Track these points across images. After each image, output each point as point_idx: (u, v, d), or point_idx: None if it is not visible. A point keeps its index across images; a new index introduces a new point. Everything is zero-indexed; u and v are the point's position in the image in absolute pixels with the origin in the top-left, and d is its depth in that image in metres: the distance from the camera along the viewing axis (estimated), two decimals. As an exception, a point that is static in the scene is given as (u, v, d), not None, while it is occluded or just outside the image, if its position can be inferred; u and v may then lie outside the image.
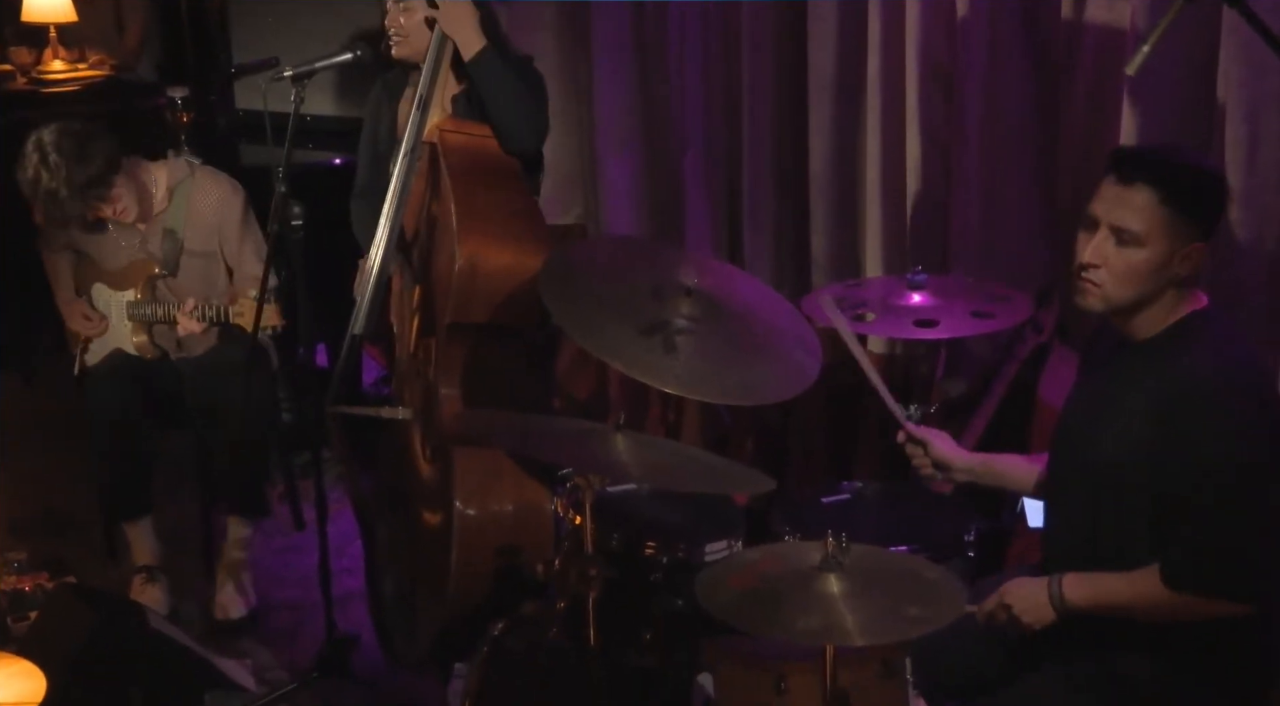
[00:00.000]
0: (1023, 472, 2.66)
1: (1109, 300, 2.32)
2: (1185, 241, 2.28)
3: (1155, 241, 2.27)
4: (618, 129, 4.28)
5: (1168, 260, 2.28)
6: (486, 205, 3.14)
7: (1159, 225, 2.26)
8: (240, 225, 3.85)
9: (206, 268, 3.85)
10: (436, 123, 3.26)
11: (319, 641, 3.40)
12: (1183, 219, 2.27)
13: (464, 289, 3.07)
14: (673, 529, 2.94)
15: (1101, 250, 2.30)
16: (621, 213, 4.33)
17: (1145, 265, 2.28)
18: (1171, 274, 2.29)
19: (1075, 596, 2.34)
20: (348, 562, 3.84)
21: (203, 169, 3.90)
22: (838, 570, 2.17)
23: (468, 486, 3.05)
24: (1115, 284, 2.30)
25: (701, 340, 2.65)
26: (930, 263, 3.53)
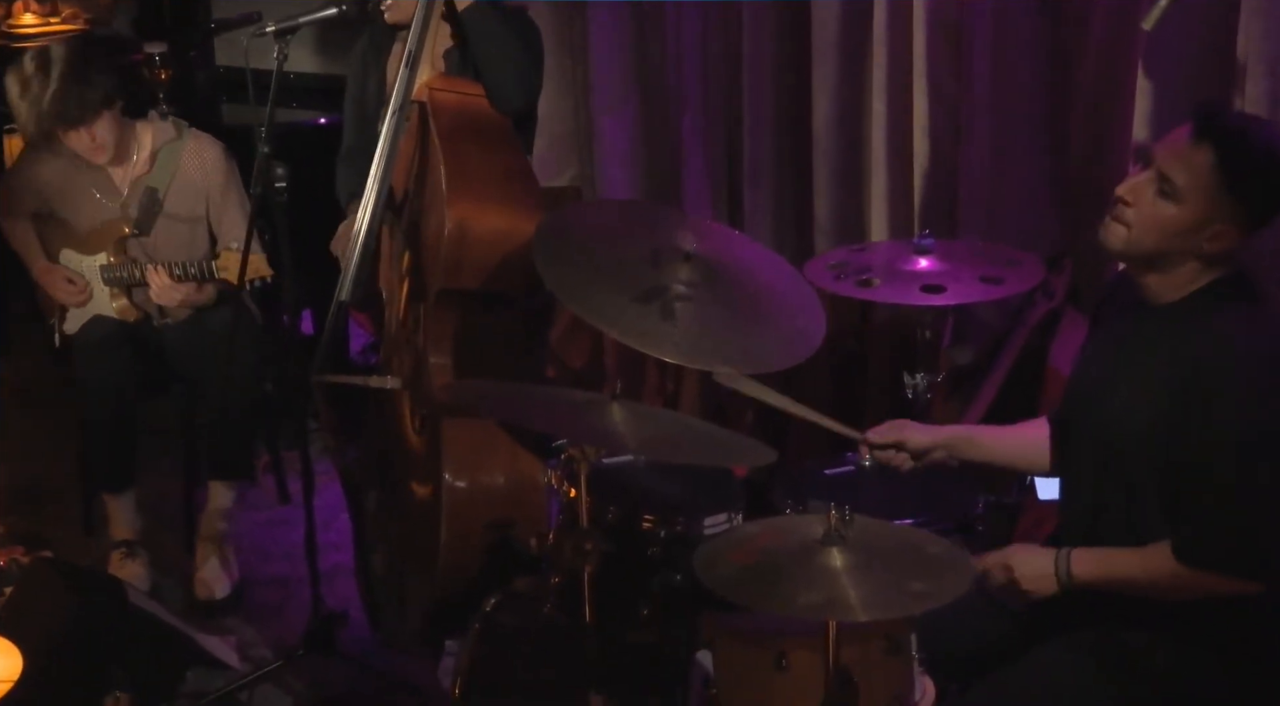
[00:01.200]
0: (1010, 444, 2.66)
1: (1127, 243, 2.32)
2: (1223, 219, 2.26)
3: (1192, 204, 2.26)
4: (613, 87, 4.27)
5: (1198, 229, 2.27)
6: (477, 166, 3.14)
7: (1203, 190, 2.25)
8: (228, 190, 3.85)
9: (189, 232, 3.85)
10: (426, 81, 3.25)
11: (305, 618, 3.42)
12: (1230, 196, 2.25)
13: (454, 254, 3.06)
14: (671, 502, 2.95)
15: (1139, 189, 2.30)
16: (617, 175, 4.32)
17: (1172, 223, 2.27)
18: (1196, 245, 2.28)
19: (1082, 571, 2.35)
20: (334, 537, 3.86)
21: (192, 131, 3.90)
22: (840, 544, 2.18)
23: (458, 458, 3.06)
24: (1139, 229, 2.30)
25: (700, 307, 2.65)
26: (938, 226, 3.54)
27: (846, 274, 3.28)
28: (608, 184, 4.34)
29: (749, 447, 2.66)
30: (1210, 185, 2.25)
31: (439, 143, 3.12)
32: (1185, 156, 2.26)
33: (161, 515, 4.05)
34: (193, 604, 3.76)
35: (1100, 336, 2.53)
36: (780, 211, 4.11)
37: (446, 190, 3.06)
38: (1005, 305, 3.52)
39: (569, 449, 2.56)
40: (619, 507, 2.86)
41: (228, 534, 3.88)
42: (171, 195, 3.83)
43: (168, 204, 3.83)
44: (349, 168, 3.55)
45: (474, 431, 3.06)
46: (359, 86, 3.59)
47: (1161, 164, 2.29)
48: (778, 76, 3.99)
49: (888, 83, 3.70)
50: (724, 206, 4.26)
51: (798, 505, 3.01)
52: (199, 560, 3.83)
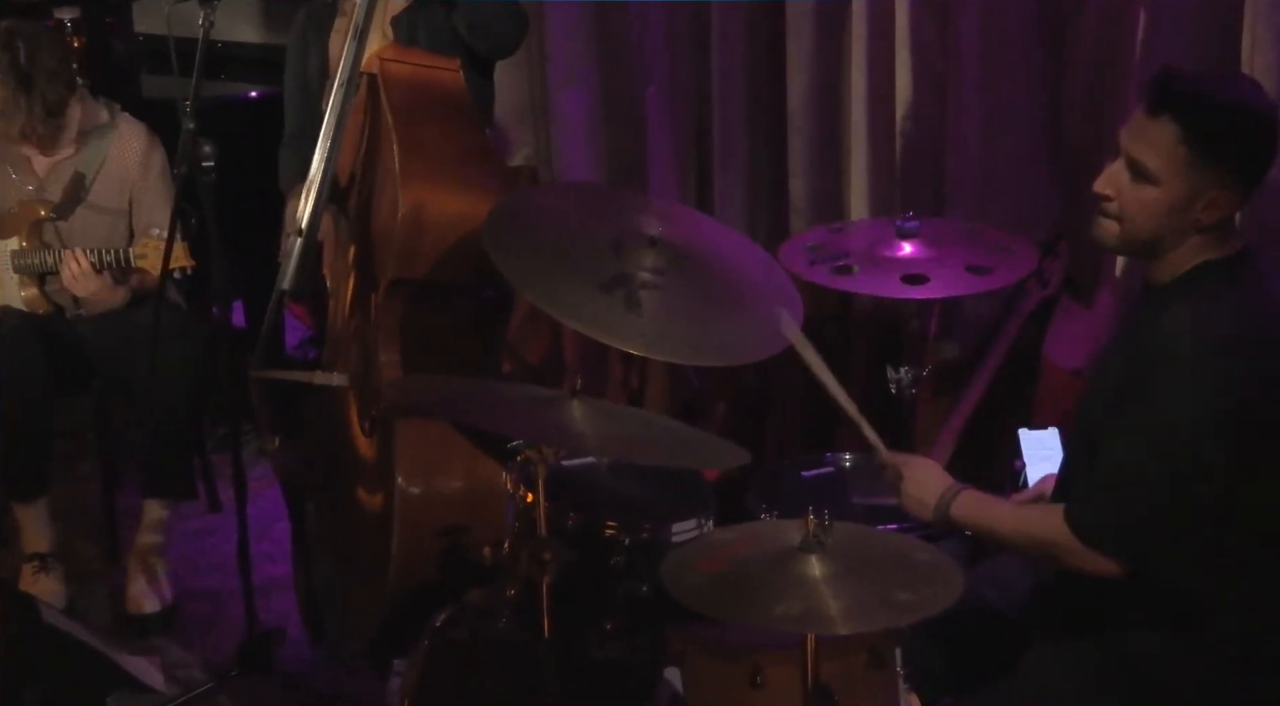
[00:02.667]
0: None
1: (1121, 237, 2.36)
2: (1209, 187, 2.29)
3: (1171, 182, 2.29)
4: (572, 59, 4.27)
5: (1186, 204, 2.30)
6: (434, 145, 3.13)
7: (1177, 165, 2.28)
8: (154, 181, 3.84)
9: (109, 225, 3.83)
10: (376, 50, 3.23)
11: (239, 635, 3.41)
12: (1205, 162, 2.28)
13: (408, 240, 3.06)
14: (636, 507, 2.95)
15: (1115, 181, 2.34)
16: (576, 154, 4.32)
17: (1158, 205, 2.31)
18: (1191, 219, 2.31)
19: (961, 512, 2.45)
20: (270, 546, 3.85)
21: (124, 117, 3.88)
22: (820, 551, 2.20)
23: (412, 461, 3.06)
24: (1128, 219, 2.34)
25: (667, 295, 2.66)
26: (923, 206, 3.56)
27: (823, 258, 3.29)
28: (566, 164, 4.34)
29: (721, 448, 2.67)
30: (1181, 157, 2.28)
31: (391, 119, 3.11)
32: (1147, 134, 2.30)
33: (80, 524, 4.03)
34: (120, 621, 3.74)
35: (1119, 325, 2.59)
36: (753, 193, 4.12)
37: (400, 171, 3.05)
38: (996, 293, 3.55)
39: (525, 450, 2.57)
40: (580, 513, 2.86)
41: (161, 547, 3.85)
42: (98, 184, 3.81)
43: (92, 192, 3.81)
44: (294, 155, 3.53)
45: (429, 432, 3.06)
46: (299, 67, 3.57)
47: (1128, 148, 2.33)
48: (750, 47, 4.00)
49: (868, 54, 3.71)
50: (692, 187, 4.26)
51: (773, 509, 3.02)
52: (129, 576, 3.81)
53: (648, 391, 4.30)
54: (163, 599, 3.77)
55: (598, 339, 2.61)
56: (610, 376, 4.35)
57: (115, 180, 3.82)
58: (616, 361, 4.32)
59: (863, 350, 3.92)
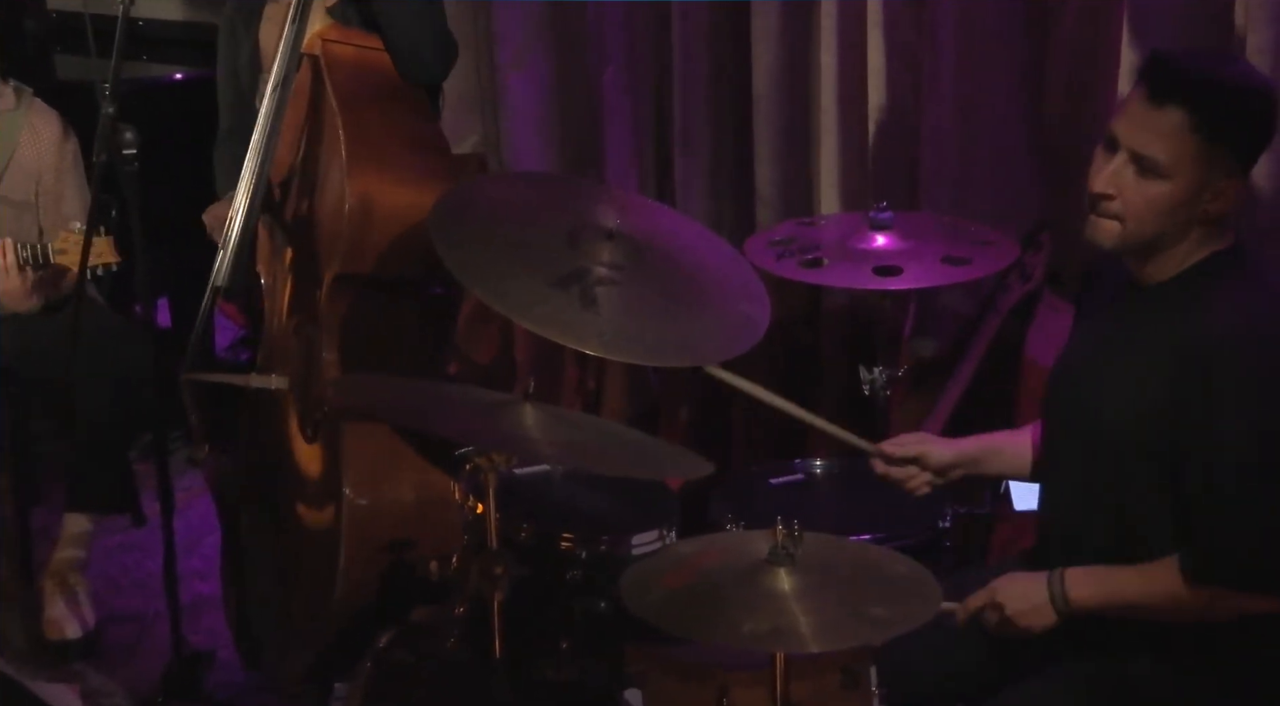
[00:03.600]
0: (1020, 449, 2.69)
1: (1124, 238, 2.34)
2: (1219, 176, 2.30)
3: (1182, 174, 2.29)
4: (522, 38, 4.26)
5: (1195, 196, 2.30)
6: (382, 132, 3.13)
7: (1188, 156, 2.28)
8: (67, 173, 3.81)
9: (15, 219, 3.79)
10: (318, 30, 3.21)
11: (165, 659, 3.39)
12: (1219, 150, 2.28)
13: (355, 234, 3.05)
14: (593, 518, 2.96)
15: (1118, 178, 2.32)
16: (527, 141, 4.32)
17: (1167, 201, 2.30)
18: (1198, 212, 2.32)
19: (1081, 594, 2.38)
20: (199, 563, 3.83)
21: (35, 102, 3.85)
22: (789, 564, 2.20)
23: (360, 470, 3.05)
24: (1133, 219, 2.32)
25: (626, 292, 2.66)
26: (897, 198, 3.56)
27: (791, 252, 3.30)
28: (516, 151, 4.33)
29: (683, 455, 2.68)
30: (1194, 146, 2.28)
31: (337, 103, 3.10)
32: (1153, 125, 2.29)
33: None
34: (37, 646, 3.71)
35: (1085, 325, 2.57)
36: (716, 182, 4.12)
37: (347, 160, 3.05)
38: (975, 289, 3.56)
39: (475, 458, 2.57)
40: (533, 525, 2.86)
41: (83, 563, 3.82)
42: (6, 174, 3.78)
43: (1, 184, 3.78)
44: (229, 154, 3.51)
45: (377, 439, 3.05)
46: (230, 60, 3.55)
47: (1130, 141, 2.31)
48: (713, 26, 4.01)
49: (838, 33, 3.72)
50: (651, 176, 4.27)
51: (740, 519, 3.03)
52: (47, 598, 3.77)
53: (605, 395, 4.31)
54: (84, 623, 3.75)
55: (551, 338, 2.61)
56: (565, 379, 4.35)
57: (24, 170, 3.78)
58: (572, 363, 4.31)
59: (834, 350, 3.93)
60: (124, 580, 3.97)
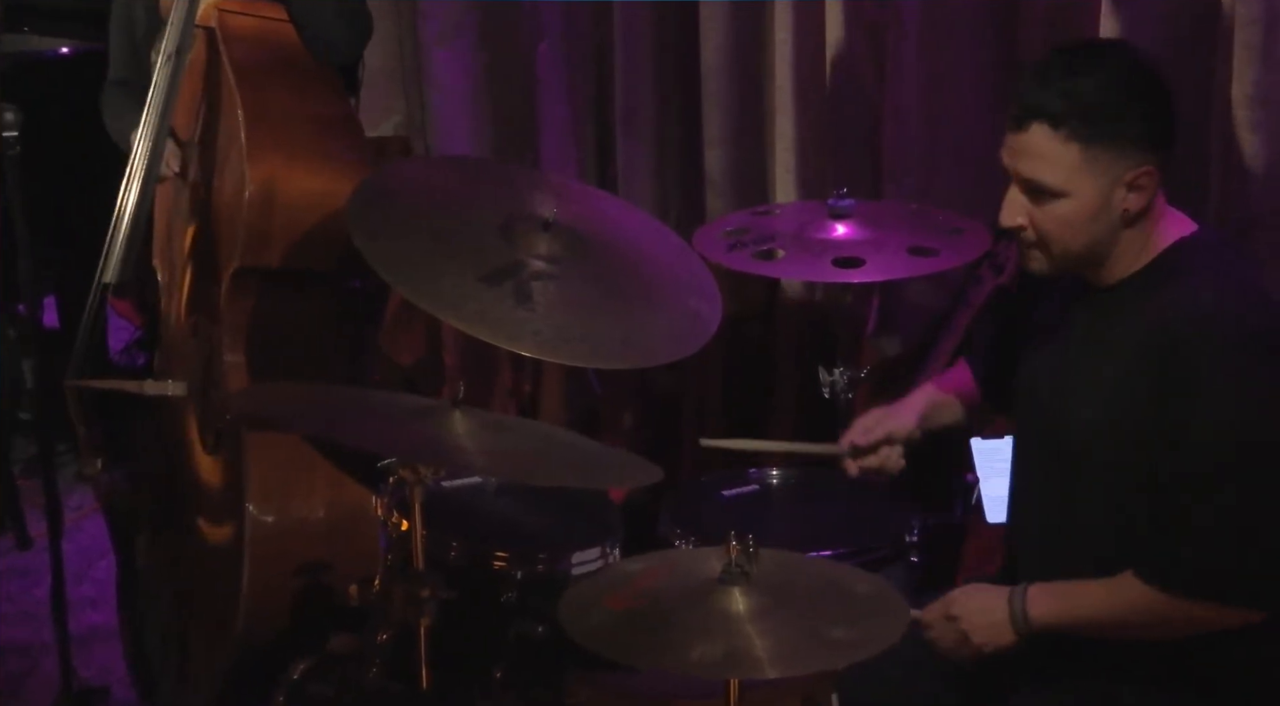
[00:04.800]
0: (954, 397, 2.76)
1: (1054, 261, 2.39)
2: (1122, 170, 2.32)
3: (1079, 186, 2.32)
4: (449, 9, 4.26)
5: (1106, 200, 2.33)
6: (285, 112, 3.12)
7: (1073, 167, 2.31)
8: None
9: None
10: (214, 0, 3.21)
11: (53, 693, 3.37)
12: (1104, 150, 2.31)
13: (257, 223, 3.04)
14: (529, 534, 2.96)
15: (1019, 209, 2.37)
16: (455, 122, 4.31)
17: (1077, 216, 2.34)
18: (1118, 213, 2.34)
19: (1042, 611, 2.40)
20: (91, 590, 3.80)
21: None
22: (743, 583, 2.21)
23: (265, 484, 3.04)
24: (1054, 243, 2.37)
25: (564, 287, 2.67)
26: (858, 183, 3.58)
27: (744, 242, 3.31)
28: (443, 134, 4.33)
29: (628, 464, 2.68)
30: (1074, 156, 2.30)
31: (235, 81, 3.10)
32: (1025, 150, 2.32)
33: None
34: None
35: (1040, 328, 2.59)
36: (662, 167, 4.13)
37: (247, 143, 3.04)
38: (944, 282, 3.59)
39: (399, 469, 2.56)
40: (463, 543, 2.86)
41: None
42: None
43: None
44: (121, 99, 3.48)
45: (285, 449, 3.04)
46: (125, 9, 3.53)
47: (1015, 170, 2.36)
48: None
49: (794, 4, 3.73)
50: (591, 161, 4.27)
51: (690, 535, 3.04)
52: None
53: (542, 399, 4.31)
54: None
55: (482, 338, 2.61)
56: (498, 382, 4.35)
57: None
58: (505, 365, 4.31)
59: (791, 349, 3.95)
60: (9, 609, 3.94)
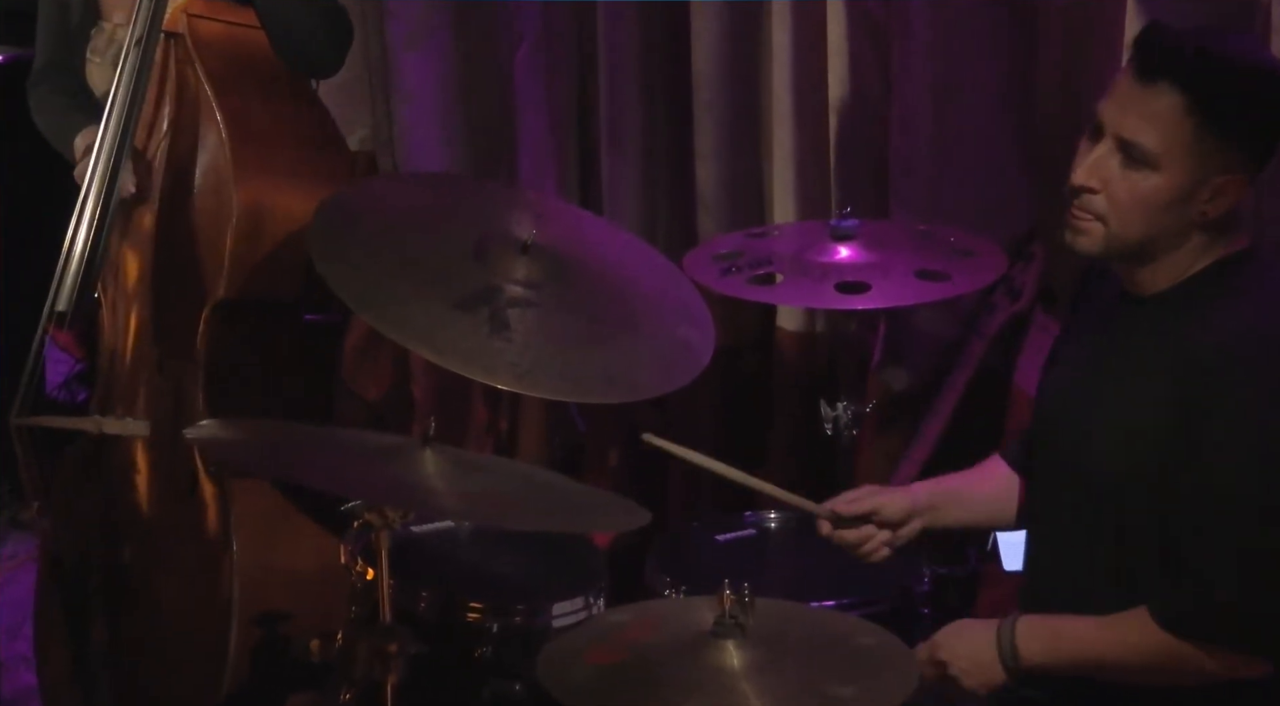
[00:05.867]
0: (987, 491, 2.74)
1: (1108, 240, 2.38)
2: (1218, 171, 2.33)
3: (1174, 165, 2.32)
4: (419, 11, 4.26)
5: (1190, 193, 2.34)
6: (267, 127, 3.13)
7: (1182, 143, 2.31)
8: None
9: None
10: (180, 3, 3.21)
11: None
12: (1217, 139, 2.31)
13: (243, 250, 3.05)
14: (506, 583, 2.96)
15: (1102, 169, 2.35)
16: (426, 134, 4.32)
17: (1157, 196, 2.34)
18: (1195, 213, 2.35)
19: (1033, 649, 2.42)
20: (26, 647, 3.78)
21: None
22: (738, 636, 2.22)
23: (252, 532, 3.05)
24: (1118, 218, 2.36)
25: (544, 315, 2.68)
26: (862, 202, 3.59)
27: (739, 266, 3.32)
28: (412, 148, 4.33)
29: (613, 507, 2.68)
30: (1188, 133, 2.31)
31: (212, 93, 3.10)
32: (1143, 107, 2.32)
33: None
34: None
35: (1074, 343, 2.60)
36: (650, 184, 4.14)
37: (233, 164, 3.04)
38: (955, 309, 3.59)
39: (364, 513, 2.56)
40: (434, 593, 2.86)
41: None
42: None
43: None
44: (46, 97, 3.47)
45: (273, 496, 3.05)
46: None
47: (1118, 126, 2.34)
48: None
49: (794, 7, 3.74)
50: (573, 177, 4.28)
51: (680, 584, 3.04)
52: None
53: (520, 436, 4.31)
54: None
55: (455, 370, 2.61)
56: (472, 418, 4.34)
57: None
58: (479, 399, 4.31)
59: (790, 381, 3.95)
60: (-69, 667, 3.93)
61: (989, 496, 2.75)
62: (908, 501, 2.71)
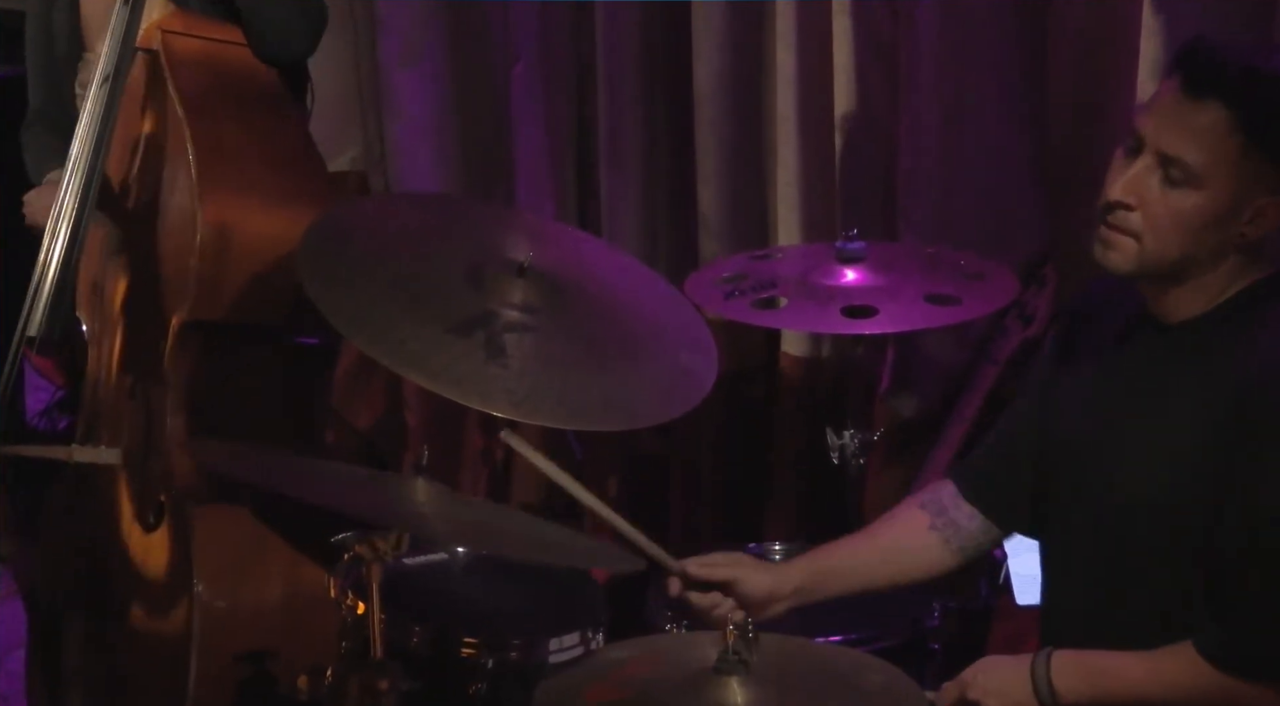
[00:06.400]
0: (887, 548, 2.71)
1: (1141, 258, 2.36)
2: (1261, 192, 2.32)
3: (1217, 184, 2.31)
4: (412, 27, 4.27)
5: (1230, 213, 2.32)
6: (240, 146, 3.13)
7: (1227, 162, 2.30)
8: None
9: None
10: (156, 20, 3.22)
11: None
12: (1262, 159, 2.30)
13: (209, 271, 3.04)
14: (502, 618, 2.95)
15: (1140, 185, 2.33)
16: (419, 153, 4.33)
17: (1198, 216, 2.32)
18: (1234, 234, 2.34)
19: (1071, 686, 2.40)
20: (3, 684, 3.78)
21: None
22: (742, 672, 2.20)
23: (215, 562, 3.03)
24: (1154, 236, 2.34)
25: (541, 340, 2.67)
26: (869, 223, 3.59)
27: (742, 290, 3.32)
28: (405, 167, 4.34)
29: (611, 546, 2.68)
30: (1234, 151, 2.29)
31: (183, 110, 3.10)
32: (1188, 122, 2.30)
33: None
34: None
35: (1082, 371, 2.58)
36: (650, 205, 4.14)
37: (198, 180, 3.04)
38: (965, 334, 3.59)
39: (354, 545, 2.56)
40: (427, 627, 2.85)
41: None
42: None
43: None
44: (39, 138, 3.50)
45: (238, 525, 3.04)
46: (42, 23, 3.54)
47: (1159, 141, 2.32)
48: (646, 11, 4.03)
49: (798, 22, 3.75)
50: (572, 198, 4.28)
51: (682, 618, 3.03)
52: None
53: (515, 465, 4.30)
54: None
55: (450, 397, 2.61)
56: (466, 446, 4.34)
57: None
58: (475, 427, 4.31)
59: (795, 409, 3.95)
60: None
61: (881, 559, 2.71)
62: (769, 582, 2.66)
